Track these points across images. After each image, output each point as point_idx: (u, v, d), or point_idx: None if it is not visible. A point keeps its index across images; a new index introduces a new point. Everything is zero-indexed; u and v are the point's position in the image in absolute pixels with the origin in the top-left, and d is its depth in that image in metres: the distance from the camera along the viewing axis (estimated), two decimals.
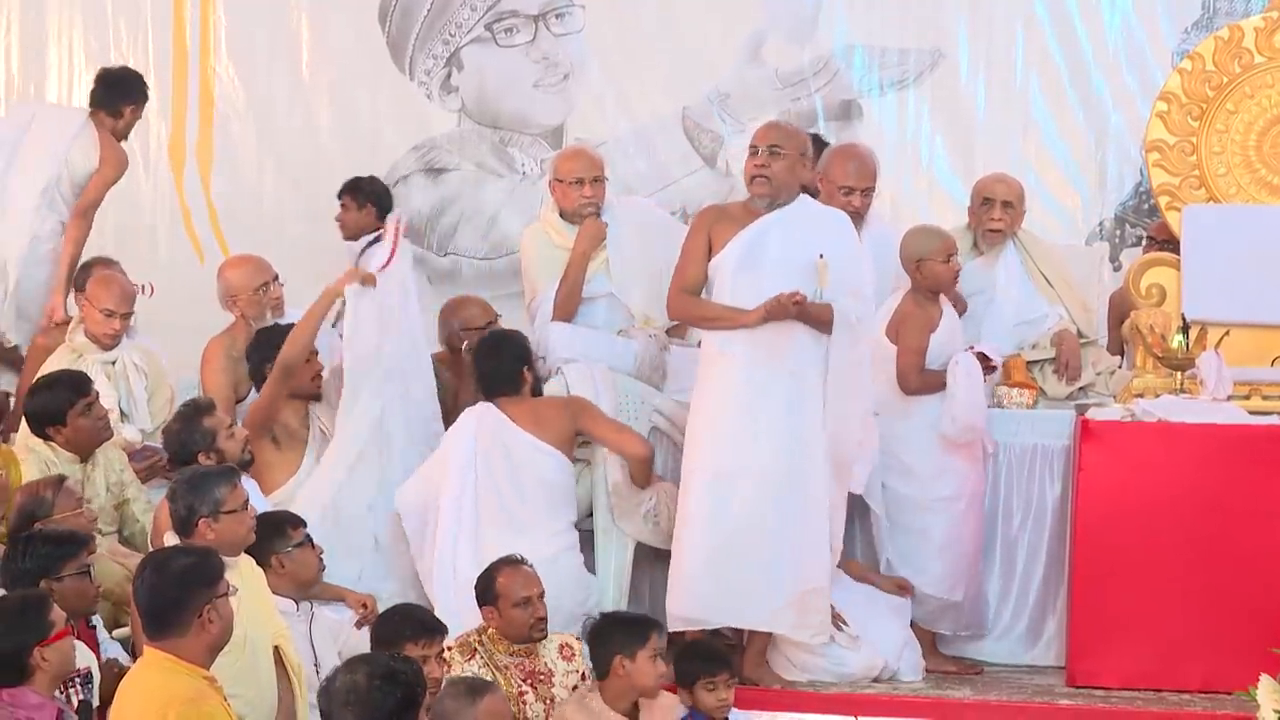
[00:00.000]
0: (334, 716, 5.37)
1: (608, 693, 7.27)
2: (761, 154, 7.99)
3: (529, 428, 8.27)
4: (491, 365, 8.38)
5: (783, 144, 8.00)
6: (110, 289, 9.01)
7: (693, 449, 8.07)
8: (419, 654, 6.89)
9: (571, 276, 9.00)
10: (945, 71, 11.46)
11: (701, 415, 8.05)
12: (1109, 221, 11.35)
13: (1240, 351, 8.60)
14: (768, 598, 7.92)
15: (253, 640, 6.47)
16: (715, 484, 7.93)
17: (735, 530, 7.89)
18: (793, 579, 7.90)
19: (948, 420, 8.37)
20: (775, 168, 7.98)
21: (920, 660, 8.37)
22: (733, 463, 7.91)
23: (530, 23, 11.67)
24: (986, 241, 9.16)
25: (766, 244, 7.95)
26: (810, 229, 8.00)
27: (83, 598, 6.79)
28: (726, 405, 7.95)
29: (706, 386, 8.05)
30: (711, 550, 7.91)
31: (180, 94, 11.78)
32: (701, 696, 7.48)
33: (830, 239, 7.98)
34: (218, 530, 6.67)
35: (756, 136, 8.10)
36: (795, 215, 8.03)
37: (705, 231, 8.09)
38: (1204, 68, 9.20)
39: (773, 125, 8.24)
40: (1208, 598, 8.08)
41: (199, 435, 7.90)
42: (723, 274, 7.99)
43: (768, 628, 8.02)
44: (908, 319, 8.51)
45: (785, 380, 7.90)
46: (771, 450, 7.88)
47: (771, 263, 7.92)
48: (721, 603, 7.94)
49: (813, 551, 7.91)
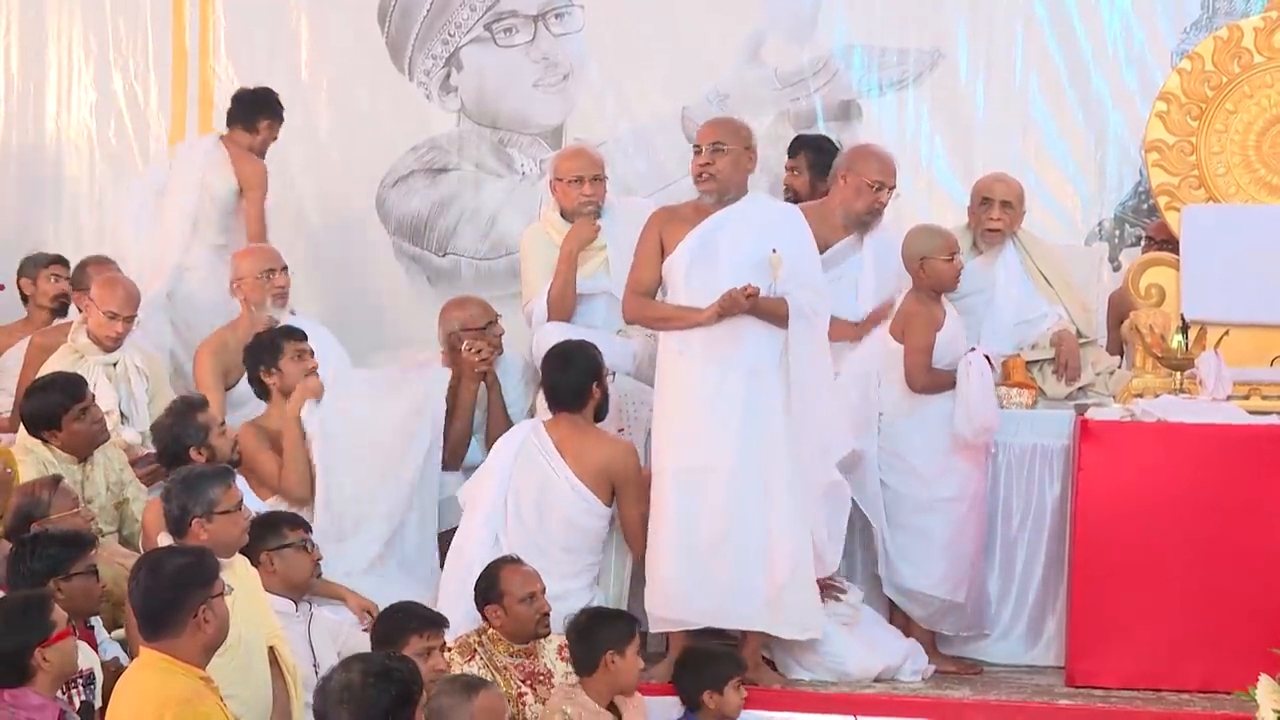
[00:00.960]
0: (329, 715, 5.37)
1: (590, 689, 7.29)
2: (705, 152, 8.00)
3: (571, 459, 8.18)
4: (559, 377, 8.29)
5: (725, 140, 8.00)
6: (114, 291, 9.01)
7: (659, 449, 8.07)
8: (423, 646, 6.90)
9: (561, 276, 9.00)
10: (945, 72, 11.45)
11: (664, 415, 8.05)
12: (1108, 221, 11.35)
13: (1239, 351, 8.61)
14: (742, 597, 7.91)
15: (247, 640, 6.46)
16: (682, 484, 7.92)
17: (704, 530, 7.90)
18: (764, 577, 7.89)
19: (962, 421, 8.38)
20: (720, 164, 7.97)
21: (924, 665, 8.37)
22: (697, 461, 7.90)
23: (529, 23, 11.66)
24: (985, 241, 9.17)
25: (718, 241, 7.95)
26: (761, 224, 8.00)
27: (89, 597, 6.81)
28: (687, 404, 7.95)
29: (667, 387, 8.06)
30: (684, 550, 7.91)
31: (180, 94, 11.78)
32: (730, 697, 7.50)
33: (782, 233, 7.99)
34: (211, 531, 6.65)
35: (699, 135, 8.12)
36: (746, 211, 8.03)
37: (657, 233, 8.10)
38: (1203, 68, 9.20)
39: (714, 122, 8.23)
40: (1207, 598, 8.08)
41: (191, 431, 7.90)
42: (676, 274, 7.99)
43: (748, 626, 8.00)
44: (913, 318, 8.51)
45: (744, 377, 7.90)
46: (733, 448, 7.87)
47: (724, 259, 7.93)
48: (699, 603, 7.93)
49: (782, 548, 7.89)
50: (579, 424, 8.28)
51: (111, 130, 11.78)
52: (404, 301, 11.49)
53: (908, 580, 8.53)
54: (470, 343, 8.90)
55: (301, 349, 8.58)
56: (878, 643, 8.32)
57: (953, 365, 8.47)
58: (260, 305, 9.13)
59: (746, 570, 7.89)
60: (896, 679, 8.27)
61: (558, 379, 8.30)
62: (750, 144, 8.11)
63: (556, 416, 8.33)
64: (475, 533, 8.14)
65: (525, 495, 8.18)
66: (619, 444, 8.30)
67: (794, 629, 8.01)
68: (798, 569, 7.93)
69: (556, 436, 8.24)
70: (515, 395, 9.10)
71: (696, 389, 7.93)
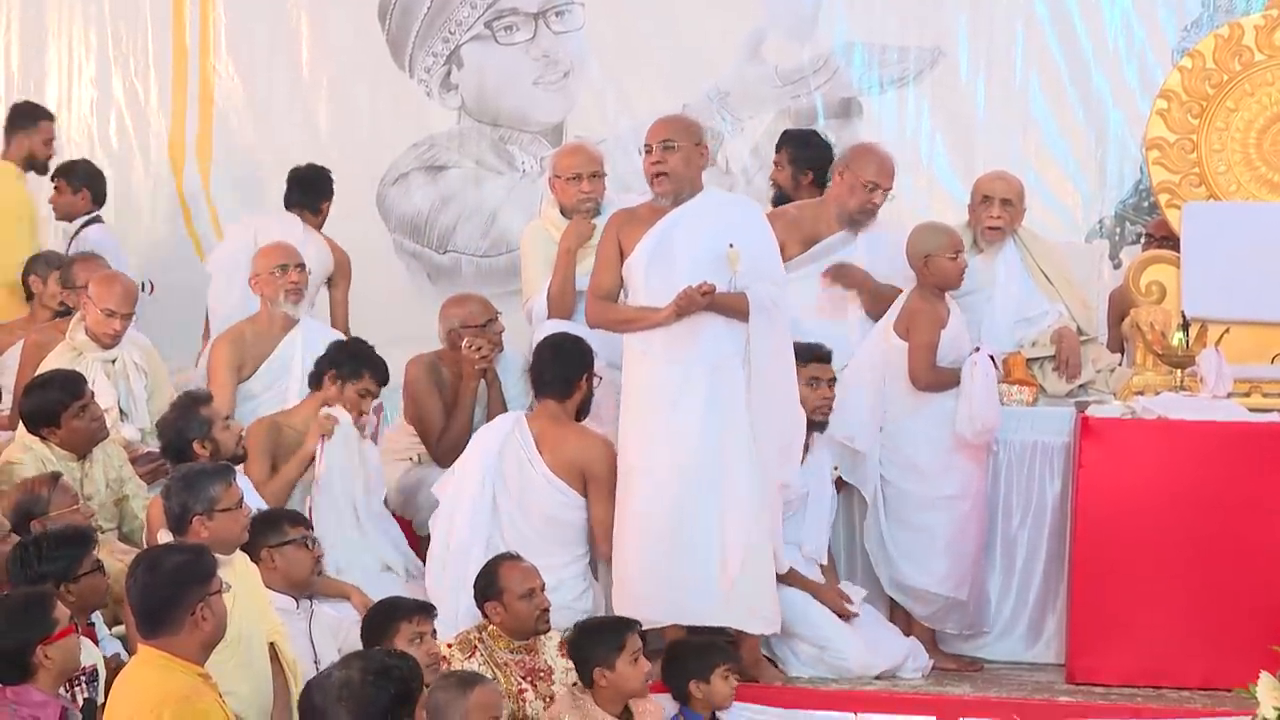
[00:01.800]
0: (329, 713, 5.37)
1: (598, 698, 7.26)
2: (656, 151, 7.96)
3: (547, 453, 8.18)
4: (548, 364, 8.29)
5: (676, 137, 7.96)
6: (112, 288, 8.99)
7: (623, 449, 8.05)
8: (414, 632, 6.93)
9: (560, 273, 9.00)
10: (945, 69, 11.46)
11: (629, 415, 8.03)
12: (1109, 219, 11.35)
13: (1240, 349, 8.60)
14: (703, 593, 7.87)
15: (248, 637, 6.47)
16: (646, 482, 7.90)
17: (667, 528, 7.86)
18: (721, 573, 7.86)
19: (965, 420, 8.38)
20: (672, 162, 7.93)
21: (925, 663, 8.37)
22: (660, 460, 7.87)
23: (530, 20, 11.67)
24: (986, 239, 9.17)
25: (674, 239, 7.91)
26: (717, 219, 7.96)
27: (97, 594, 6.83)
28: (650, 403, 7.93)
29: (632, 386, 8.03)
30: (648, 549, 7.88)
31: (180, 92, 11.79)
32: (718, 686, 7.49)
33: (738, 226, 7.95)
34: (211, 528, 6.65)
35: (649, 134, 8.05)
36: (701, 207, 7.99)
37: (614, 235, 8.09)
38: (1204, 65, 9.19)
39: (663, 121, 8.15)
40: (1208, 595, 8.08)
41: (195, 424, 7.88)
42: (635, 274, 7.96)
43: (709, 622, 7.95)
44: (918, 315, 8.51)
45: (706, 374, 7.87)
46: (694, 446, 7.84)
47: (681, 257, 7.89)
48: (663, 600, 7.88)
49: (735, 541, 7.85)
50: (559, 417, 8.26)
51: (112, 128, 11.79)
52: (404, 299, 11.49)
53: (910, 578, 8.53)
54: (470, 340, 8.89)
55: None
56: (879, 641, 8.31)
57: (956, 363, 8.47)
58: (274, 301, 9.15)
59: (700, 565, 7.85)
60: (898, 676, 8.27)
61: (547, 366, 8.30)
62: (701, 140, 8.08)
63: (539, 408, 8.33)
64: (462, 527, 8.13)
65: (510, 489, 8.18)
66: (595, 439, 8.28)
67: (753, 622, 7.98)
68: (750, 562, 7.88)
69: (536, 429, 8.23)
70: (515, 392, 9.09)
71: (659, 388, 7.90)
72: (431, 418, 9.01)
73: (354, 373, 8.56)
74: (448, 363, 9.07)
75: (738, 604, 7.90)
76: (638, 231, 7.99)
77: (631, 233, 8.01)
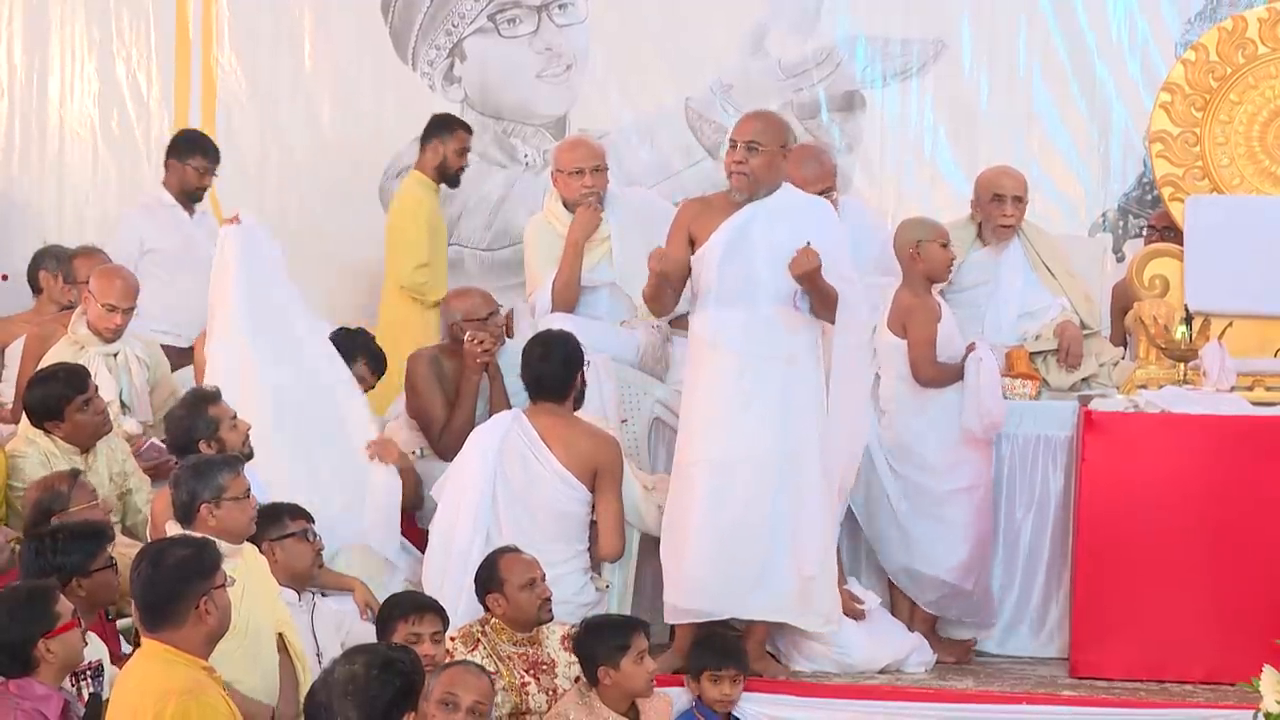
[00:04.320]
0: (335, 707, 5.37)
1: (603, 696, 7.27)
2: (740, 149, 7.91)
3: (557, 449, 8.16)
4: (543, 368, 8.26)
5: (762, 140, 7.89)
6: (113, 283, 8.98)
7: (688, 440, 8.01)
8: (409, 631, 6.94)
9: (567, 266, 8.99)
10: (948, 62, 11.46)
11: (696, 406, 7.99)
12: (1112, 213, 11.35)
13: (1243, 342, 8.61)
14: (770, 587, 7.90)
15: (256, 628, 6.48)
16: (714, 475, 7.88)
17: (735, 521, 7.87)
18: (793, 567, 7.89)
19: (972, 417, 8.38)
20: (754, 163, 7.88)
21: (930, 658, 8.37)
22: (730, 452, 7.86)
23: (533, 13, 11.66)
24: (998, 237, 9.16)
25: (751, 233, 7.89)
26: (793, 218, 7.93)
27: (109, 590, 6.84)
28: (721, 395, 7.89)
29: (700, 377, 8.00)
30: (712, 541, 7.87)
31: (183, 84, 11.77)
32: (706, 687, 7.53)
33: (814, 226, 7.91)
34: (219, 517, 6.68)
35: (736, 130, 8.00)
36: (779, 204, 7.95)
37: (686, 223, 8.02)
38: (1208, 58, 9.19)
39: (752, 118, 8.07)
40: (1210, 589, 8.09)
41: (203, 423, 7.87)
42: (708, 266, 7.90)
43: (773, 617, 8.01)
44: (914, 311, 8.50)
45: (780, 367, 7.87)
46: (768, 438, 7.85)
47: (760, 252, 7.87)
48: (725, 594, 7.91)
49: (811, 539, 7.89)
50: (561, 413, 8.26)
51: (114, 120, 11.77)
52: None
53: (928, 567, 8.52)
54: (472, 333, 8.89)
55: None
56: (885, 636, 8.32)
57: (950, 359, 8.48)
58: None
59: (774, 561, 7.87)
60: (901, 671, 8.27)
61: (542, 369, 8.27)
62: (787, 143, 8.00)
63: (537, 405, 8.31)
64: (463, 524, 8.13)
65: (514, 486, 8.17)
66: (605, 435, 8.28)
67: (818, 620, 8.03)
68: (826, 561, 7.95)
69: (540, 425, 8.23)
70: (517, 386, 9.08)
71: (730, 379, 7.87)
72: (434, 411, 9.01)
73: (349, 359, 8.57)
74: (450, 356, 9.07)
75: (809, 601, 7.94)
76: (713, 222, 7.93)
77: (706, 223, 7.95)
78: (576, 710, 7.23)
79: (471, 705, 6.08)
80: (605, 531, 8.18)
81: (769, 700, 7.84)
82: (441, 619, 7.18)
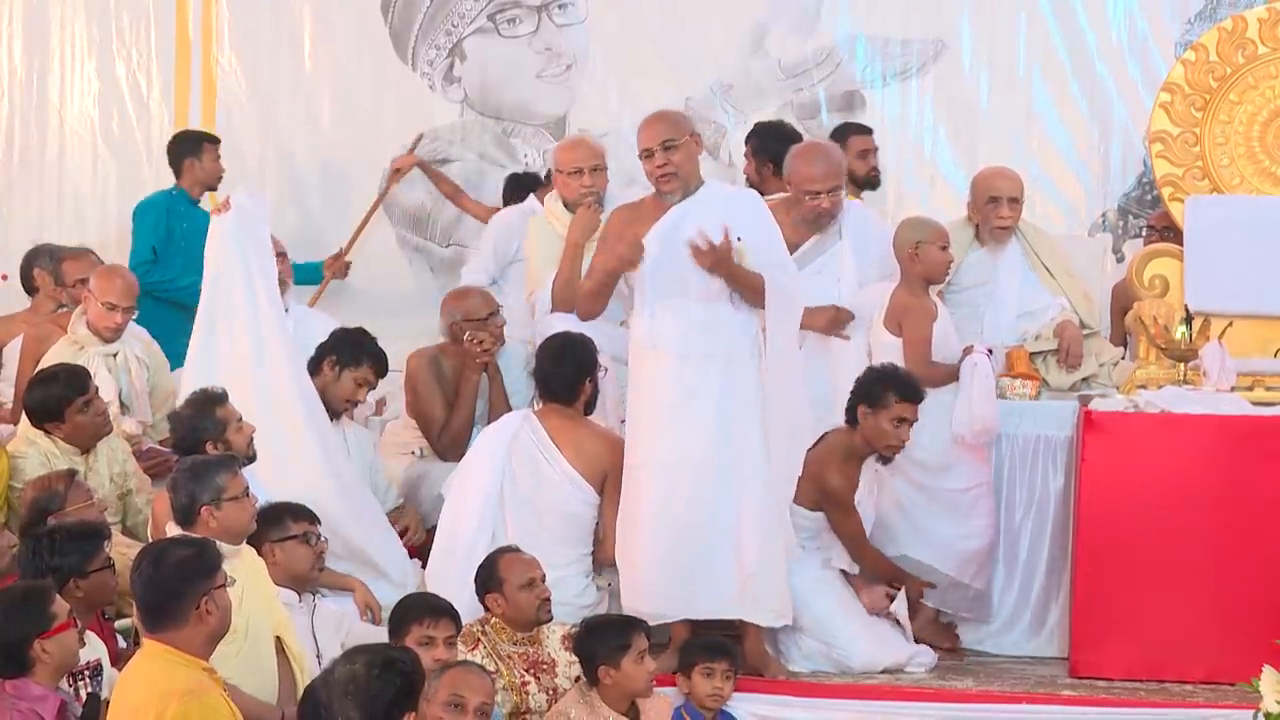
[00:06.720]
0: (334, 706, 5.37)
1: (603, 696, 7.27)
2: (659, 154, 7.86)
3: (567, 451, 8.19)
4: (554, 370, 8.28)
5: (673, 135, 7.88)
6: (113, 283, 8.99)
7: (634, 444, 7.98)
8: (423, 634, 6.90)
9: (566, 266, 8.99)
10: (948, 62, 11.46)
11: (638, 410, 7.98)
12: (1112, 213, 11.35)
13: (1243, 342, 8.61)
14: (715, 586, 7.86)
15: (254, 630, 6.49)
16: (658, 477, 7.86)
17: (680, 522, 7.83)
18: (734, 564, 7.84)
19: (963, 422, 8.39)
20: (676, 160, 7.87)
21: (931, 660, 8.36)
22: (673, 454, 7.83)
23: (533, 13, 11.66)
24: (995, 238, 9.16)
25: (682, 232, 7.83)
26: (724, 211, 7.89)
27: (106, 590, 6.84)
28: (662, 397, 7.87)
29: (642, 380, 7.98)
30: (660, 544, 7.85)
31: (183, 83, 11.78)
32: (698, 682, 7.53)
33: (744, 218, 7.88)
34: (220, 518, 6.68)
35: (643, 140, 7.92)
36: (706, 199, 7.94)
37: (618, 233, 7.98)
38: (1207, 58, 9.18)
39: (654, 122, 7.98)
40: (1210, 589, 8.08)
41: (210, 424, 7.81)
42: (642, 269, 7.88)
43: (722, 615, 7.96)
44: (911, 310, 8.51)
45: (719, 366, 7.84)
46: (708, 438, 7.81)
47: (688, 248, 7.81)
48: (673, 595, 7.87)
49: (752, 538, 7.84)
50: (571, 415, 8.27)
51: (114, 120, 11.78)
52: (407, 292, 11.50)
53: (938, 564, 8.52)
54: (472, 334, 8.89)
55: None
56: (886, 638, 8.31)
57: (945, 360, 8.48)
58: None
59: (717, 559, 7.84)
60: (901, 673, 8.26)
61: (553, 371, 8.29)
62: (693, 129, 8.01)
63: (546, 407, 8.32)
64: (469, 523, 8.12)
65: (521, 486, 8.17)
66: (615, 439, 8.28)
67: (766, 615, 7.98)
68: (766, 556, 7.88)
69: (550, 427, 8.24)
70: (517, 386, 9.09)
71: (671, 383, 7.86)
72: (433, 412, 9.01)
73: (353, 360, 8.56)
74: (449, 356, 9.07)
75: (751, 597, 7.91)
76: (644, 225, 7.93)
77: (638, 228, 7.94)
78: (577, 710, 7.24)
79: (479, 706, 6.06)
80: (609, 534, 8.18)
81: (767, 700, 7.84)
82: (455, 623, 7.13)
